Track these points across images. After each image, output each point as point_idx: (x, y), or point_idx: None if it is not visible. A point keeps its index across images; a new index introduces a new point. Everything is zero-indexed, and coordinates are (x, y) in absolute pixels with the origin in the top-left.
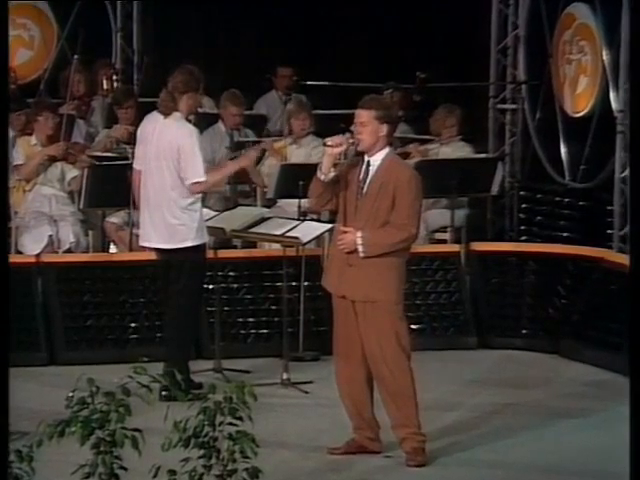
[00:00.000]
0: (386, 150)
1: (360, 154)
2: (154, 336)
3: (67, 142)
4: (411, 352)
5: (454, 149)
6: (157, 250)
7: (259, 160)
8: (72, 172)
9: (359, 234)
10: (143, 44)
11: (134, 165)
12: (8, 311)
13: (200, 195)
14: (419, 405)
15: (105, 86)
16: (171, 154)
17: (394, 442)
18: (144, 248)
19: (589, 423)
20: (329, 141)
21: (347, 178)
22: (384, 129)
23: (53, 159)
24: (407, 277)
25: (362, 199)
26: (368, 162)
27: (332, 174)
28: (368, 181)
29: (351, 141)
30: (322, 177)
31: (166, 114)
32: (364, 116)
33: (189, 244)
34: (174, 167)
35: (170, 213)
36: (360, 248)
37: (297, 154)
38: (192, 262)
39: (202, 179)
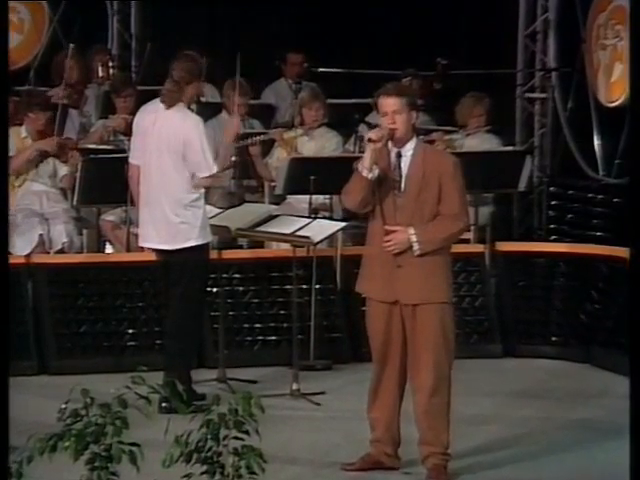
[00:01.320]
0: (415, 139)
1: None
2: (153, 343)
3: (60, 137)
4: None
5: (480, 141)
6: (157, 251)
7: (267, 152)
8: (64, 169)
9: (412, 231)
10: (141, 28)
11: (130, 160)
12: (8, 319)
13: (203, 190)
14: None
15: (100, 73)
16: (175, 147)
17: (412, 459)
18: (143, 248)
19: (625, 440)
20: (373, 135)
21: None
22: (414, 116)
23: (45, 154)
24: None
25: (402, 194)
26: (399, 153)
27: (377, 170)
28: (405, 175)
29: (387, 132)
30: (369, 175)
31: (170, 105)
32: (396, 104)
33: (192, 244)
34: (178, 161)
35: (173, 210)
36: (416, 246)
37: (309, 147)
38: (195, 263)
39: (214, 171)
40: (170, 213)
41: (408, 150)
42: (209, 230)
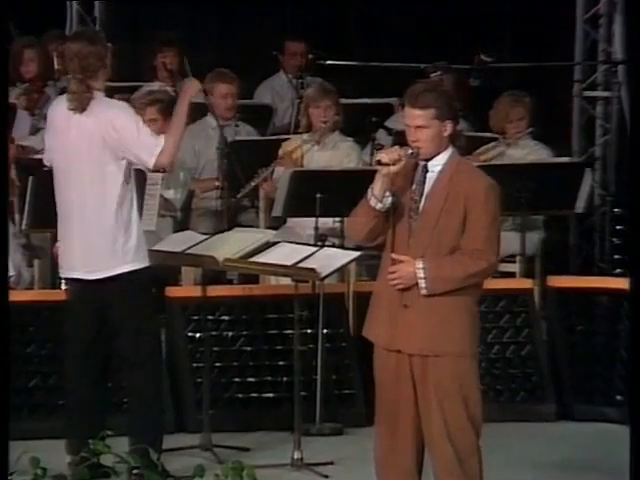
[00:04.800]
0: (449, 151)
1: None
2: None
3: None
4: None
5: (526, 151)
6: (80, 283)
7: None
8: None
9: (419, 264)
10: (107, 11)
11: (45, 161)
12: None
13: (134, 203)
14: None
15: (56, 65)
16: (105, 138)
17: None
18: (66, 281)
19: None
20: (384, 157)
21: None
22: (448, 127)
23: None
24: None
25: (419, 217)
26: (425, 167)
27: (389, 199)
28: (426, 193)
29: (410, 152)
30: (378, 205)
31: (84, 108)
32: (420, 118)
33: (128, 269)
34: (108, 159)
35: (102, 227)
36: (421, 283)
37: (320, 157)
38: (144, 295)
39: (161, 146)
40: (98, 231)
41: (436, 165)
42: (146, 252)
